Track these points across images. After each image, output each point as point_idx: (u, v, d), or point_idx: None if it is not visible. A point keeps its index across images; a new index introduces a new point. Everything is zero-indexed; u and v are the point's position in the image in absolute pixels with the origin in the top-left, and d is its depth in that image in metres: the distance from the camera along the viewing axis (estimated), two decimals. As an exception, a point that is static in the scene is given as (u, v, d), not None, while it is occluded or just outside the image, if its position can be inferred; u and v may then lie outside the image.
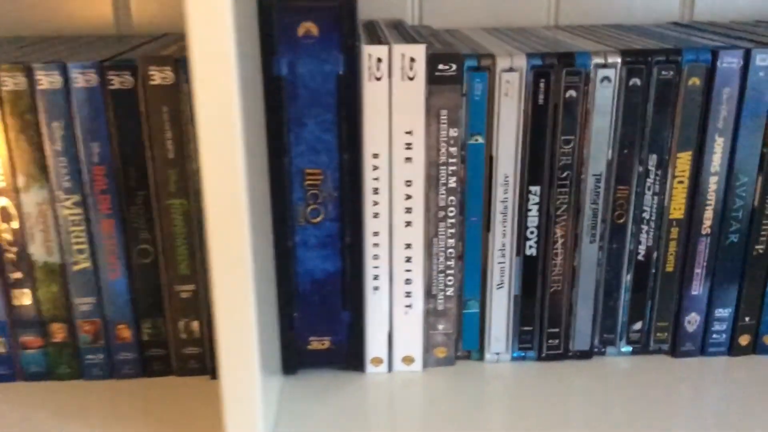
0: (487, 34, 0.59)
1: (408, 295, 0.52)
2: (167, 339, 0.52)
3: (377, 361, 0.53)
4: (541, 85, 0.48)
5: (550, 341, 0.54)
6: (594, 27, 0.62)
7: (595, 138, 0.49)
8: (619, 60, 0.47)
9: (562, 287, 0.52)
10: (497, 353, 0.54)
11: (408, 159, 0.48)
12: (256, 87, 0.44)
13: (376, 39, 0.48)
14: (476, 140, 0.49)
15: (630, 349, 0.55)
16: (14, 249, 0.50)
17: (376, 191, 0.49)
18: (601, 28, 0.61)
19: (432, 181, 0.49)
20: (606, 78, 0.47)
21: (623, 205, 0.51)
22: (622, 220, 0.51)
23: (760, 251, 0.52)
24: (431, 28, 0.59)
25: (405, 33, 0.52)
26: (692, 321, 0.54)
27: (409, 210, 0.50)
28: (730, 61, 0.48)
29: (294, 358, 0.52)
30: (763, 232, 0.51)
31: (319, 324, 0.52)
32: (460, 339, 0.54)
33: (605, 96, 0.48)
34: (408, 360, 0.53)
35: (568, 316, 0.53)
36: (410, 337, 0.53)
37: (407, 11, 0.65)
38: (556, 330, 0.54)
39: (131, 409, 0.50)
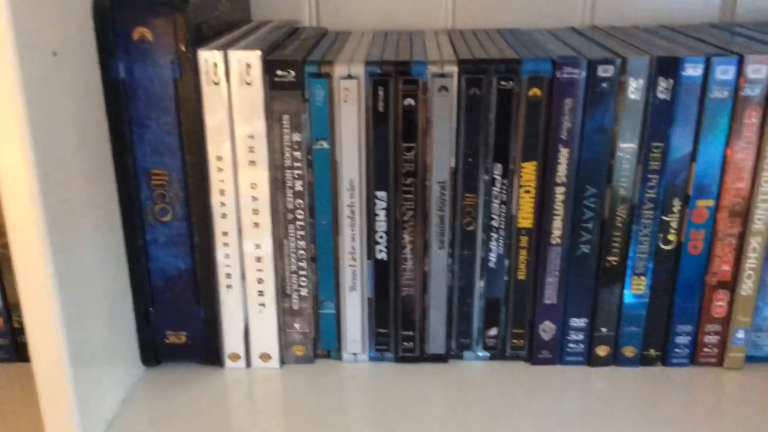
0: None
1: (261, 294, 0.53)
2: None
3: (235, 356, 0.55)
4: (380, 92, 0.48)
5: (405, 344, 0.54)
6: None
7: (437, 146, 0.49)
8: (455, 69, 0.47)
9: (414, 291, 0.53)
10: (354, 353, 0.55)
11: (252, 162, 0.49)
12: (93, 88, 0.46)
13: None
14: (321, 145, 0.50)
15: (488, 354, 0.55)
16: None
17: (222, 193, 0.50)
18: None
19: (278, 184, 0.50)
20: (443, 87, 0.48)
21: (471, 213, 0.51)
22: (471, 228, 0.51)
23: (613, 263, 0.52)
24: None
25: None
26: (547, 329, 0.54)
27: (256, 212, 0.51)
28: (571, 72, 0.47)
29: (151, 351, 0.54)
30: (614, 244, 0.51)
31: (174, 319, 0.53)
32: (318, 338, 0.55)
33: (444, 105, 0.48)
34: (265, 357, 0.55)
35: (421, 319, 0.54)
36: (266, 335, 0.54)
37: (304, 13, 0.65)
38: (411, 333, 0.54)
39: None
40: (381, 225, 0.51)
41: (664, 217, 0.50)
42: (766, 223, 0.50)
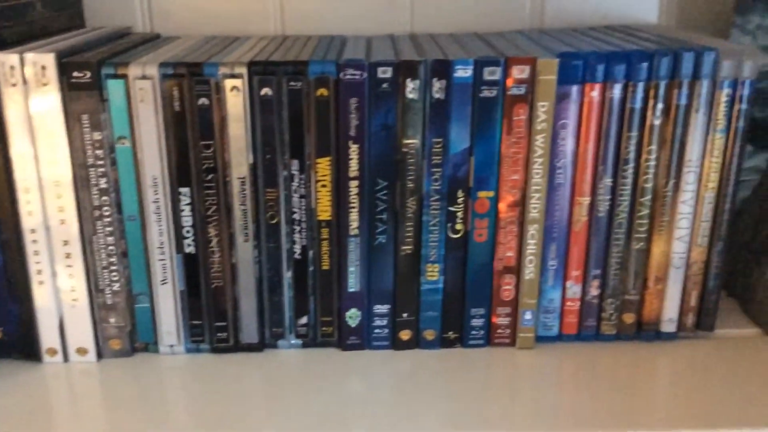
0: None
1: (73, 289, 0.55)
2: None
3: (52, 351, 0.56)
4: (175, 92, 0.51)
5: (219, 334, 0.57)
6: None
7: (234, 143, 0.52)
8: (245, 71, 0.51)
9: (224, 283, 0.56)
10: (171, 345, 0.57)
11: (53, 160, 0.51)
12: None
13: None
14: (123, 143, 0.52)
15: (300, 342, 0.58)
16: None
17: (27, 190, 0.52)
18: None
19: (82, 182, 0.52)
20: (235, 87, 0.51)
21: (274, 207, 0.54)
22: (275, 221, 0.54)
23: (408, 251, 0.55)
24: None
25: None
26: (353, 316, 0.57)
27: (61, 209, 0.52)
28: (353, 74, 0.51)
29: (-35, 347, 0.55)
30: (408, 234, 0.55)
31: (-14, 316, 0.54)
32: (135, 332, 0.57)
33: (237, 104, 0.51)
34: (82, 351, 0.56)
35: (233, 310, 0.56)
36: (81, 330, 0.56)
37: (137, 19, 0.68)
38: (224, 324, 0.57)
39: None
40: (187, 220, 0.54)
41: (451, 208, 0.54)
42: (541, 211, 0.54)
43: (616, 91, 0.52)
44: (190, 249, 0.55)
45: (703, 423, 0.49)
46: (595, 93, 0.52)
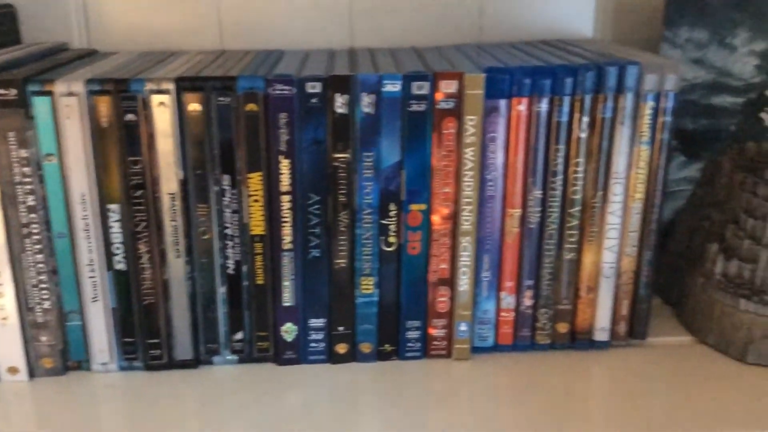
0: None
1: (3, 307, 0.54)
2: None
3: (-19, 372, 0.55)
4: (102, 109, 0.50)
5: (152, 351, 0.56)
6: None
7: (163, 159, 0.52)
8: (172, 87, 0.51)
9: (156, 300, 0.55)
10: (104, 363, 0.57)
11: (-21, 178, 0.51)
12: None
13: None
14: (50, 160, 0.51)
15: (236, 358, 0.58)
16: None
17: (-49, 209, 0.51)
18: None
19: (10, 200, 0.52)
20: (162, 103, 0.50)
21: (206, 222, 0.54)
22: (207, 236, 0.54)
23: (342, 265, 0.55)
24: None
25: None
26: (289, 330, 0.57)
27: (-12, 227, 0.52)
28: (282, 89, 0.51)
29: None
30: (341, 248, 0.55)
31: None
32: (67, 350, 0.56)
33: (164, 120, 0.51)
34: (13, 370, 0.55)
35: (166, 327, 0.56)
36: (12, 349, 0.55)
37: (74, 35, 0.67)
38: (157, 341, 0.56)
39: None
40: (116, 236, 0.53)
41: (383, 221, 0.55)
42: (473, 223, 0.55)
43: (543, 104, 0.53)
44: (120, 266, 0.54)
45: (637, 430, 0.50)
46: (522, 107, 0.53)
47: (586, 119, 0.53)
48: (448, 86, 0.52)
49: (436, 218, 0.55)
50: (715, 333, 0.59)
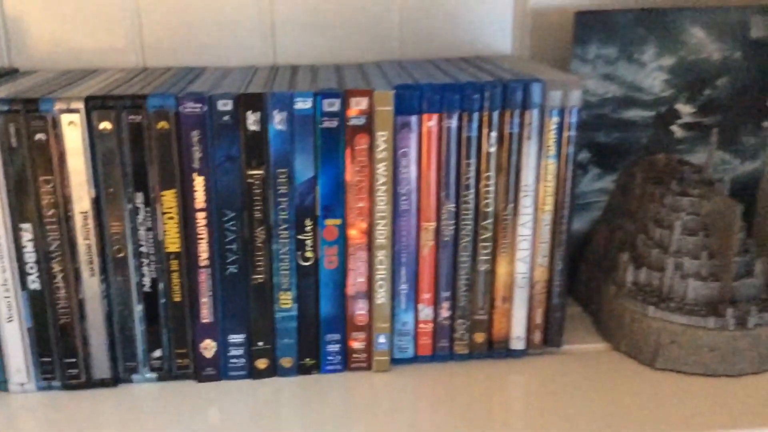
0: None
1: None
2: None
3: None
4: (11, 128, 0.50)
5: (70, 371, 0.56)
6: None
7: (75, 178, 0.52)
8: (82, 106, 0.51)
9: (71, 319, 0.55)
10: (21, 383, 0.56)
11: None
12: None
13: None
14: (-41, 180, 0.51)
15: (155, 375, 0.58)
16: None
17: None
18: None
19: None
20: (72, 122, 0.51)
21: (120, 240, 0.54)
22: (121, 254, 0.54)
23: (260, 280, 0.56)
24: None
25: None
26: (208, 347, 0.57)
27: None
28: (193, 107, 0.52)
29: None
30: (259, 263, 0.56)
31: None
32: (-18, 371, 0.56)
33: (75, 139, 0.51)
34: (-76, 394, 0.55)
35: (83, 345, 0.56)
36: None
37: (-6, 53, 0.67)
38: (74, 360, 0.56)
39: None
40: (30, 256, 0.53)
41: (299, 236, 0.55)
42: (388, 237, 0.56)
43: (453, 120, 0.54)
44: (34, 285, 0.54)
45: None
46: (432, 123, 0.54)
47: (494, 134, 0.55)
48: (358, 103, 0.53)
49: (352, 232, 0.56)
50: (626, 339, 0.61)
